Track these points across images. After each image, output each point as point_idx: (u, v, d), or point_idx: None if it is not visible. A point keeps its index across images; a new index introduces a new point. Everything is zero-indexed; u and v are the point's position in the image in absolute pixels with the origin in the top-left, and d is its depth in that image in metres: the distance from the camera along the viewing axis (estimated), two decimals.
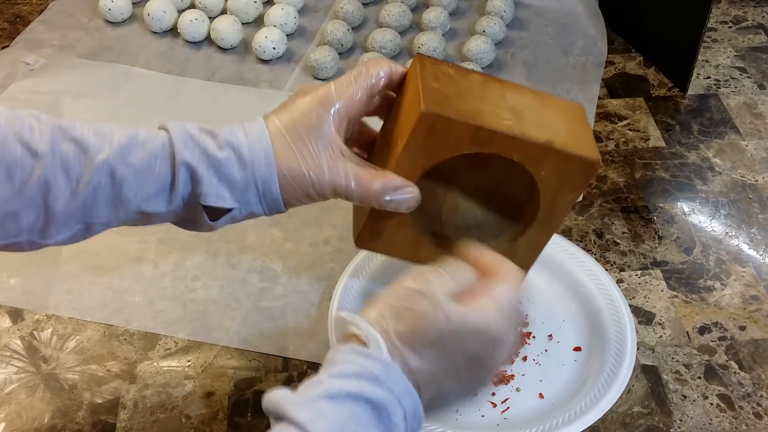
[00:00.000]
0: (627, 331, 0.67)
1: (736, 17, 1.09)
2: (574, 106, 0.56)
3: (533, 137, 0.51)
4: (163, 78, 0.98)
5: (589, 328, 0.70)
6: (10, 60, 1.00)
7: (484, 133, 0.50)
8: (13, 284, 0.75)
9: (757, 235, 0.80)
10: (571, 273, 0.73)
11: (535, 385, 0.66)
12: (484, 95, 0.52)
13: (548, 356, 0.68)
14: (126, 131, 0.51)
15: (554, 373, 0.67)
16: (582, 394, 0.64)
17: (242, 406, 0.66)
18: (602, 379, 0.65)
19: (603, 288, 0.71)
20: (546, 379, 0.67)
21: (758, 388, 0.67)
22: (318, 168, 0.51)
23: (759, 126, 0.92)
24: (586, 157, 0.52)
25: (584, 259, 0.73)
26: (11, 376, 0.68)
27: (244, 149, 0.51)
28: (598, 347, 0.68)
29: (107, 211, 0.50)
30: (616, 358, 0.66)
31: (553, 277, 0.74)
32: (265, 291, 0.75)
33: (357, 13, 1.04)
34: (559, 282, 0.73)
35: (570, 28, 1.06)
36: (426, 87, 0.50)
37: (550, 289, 0.73)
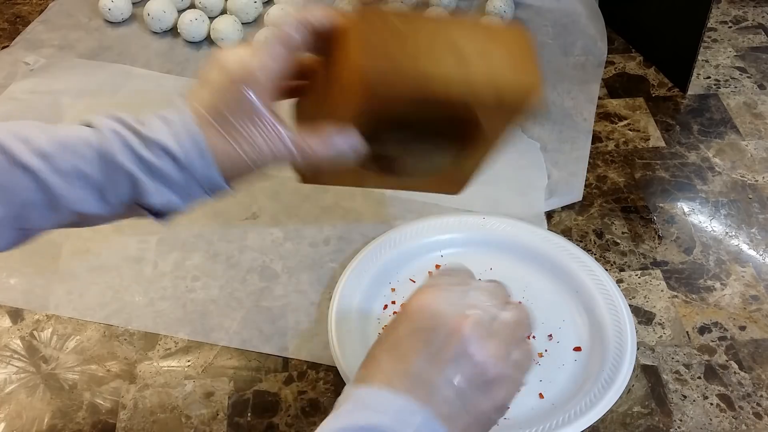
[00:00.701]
0: (627, 332, 0.67)
1: (736, 17, 1.09)
2: (517, 33, 0.55)
3: (474, 80, 0.51)
4: (163, 78, 0.98)
5: (589, 329, 0.70)
6: (10, 60, 1.00)
7: (424, 82, 0.50)
8: (13, 284, 0.75)
9: (757, 235, 0.80)
10: (571, 273, 0.73)
11: (535, 385, 0.66)
12: (427, 39, 0.51)
13: (548, 356, 0.68)
14: (52, 134, 0.49)
15: (554, 373, 0.67)
16: (582, 394, 0.64)
17: (242, 406, 0.66)
18: (602, 379, 0.65)
19: (603, 288, 0.71)
20: (546, 379, 0.67)
21: (758, 388, 0.67)
22: (253, 147, 0.50)
23: (759, 126, 0.92)
24: (525, 86, 0.52)
25: (584, 259, 0.74)
26: (11, 376, 0.68)
27: (176, 149, 0.49)
28: (598, 347, 0.68)
29: (42, 217, 0.49)
30: (616, 359, 0.66)
31: (554, 277, 0.74)
32: (265, 291, 0.75)
33: None
34: (560, 282, 0.73)
35: (570, 28, 1.06)
36: (365, 47, 0.49)
37: (550, 289, 0.73)
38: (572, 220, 0.81)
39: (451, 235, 0.77)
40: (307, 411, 0.66)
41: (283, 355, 0.70)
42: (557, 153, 0.87)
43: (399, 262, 0.75)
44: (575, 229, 0.80)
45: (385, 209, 0.82)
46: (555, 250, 0.74)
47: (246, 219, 0.81)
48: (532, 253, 0.75)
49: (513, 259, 0.76)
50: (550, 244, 0.75)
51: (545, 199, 0.82)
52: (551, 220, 0.81)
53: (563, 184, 0.84)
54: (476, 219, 0.78)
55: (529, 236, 0.76)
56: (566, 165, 0.86)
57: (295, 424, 0.65)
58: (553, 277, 0.74)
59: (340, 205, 0.82)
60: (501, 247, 0.76)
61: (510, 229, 0.77)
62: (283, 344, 0.70)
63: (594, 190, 0.84)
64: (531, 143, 0.89)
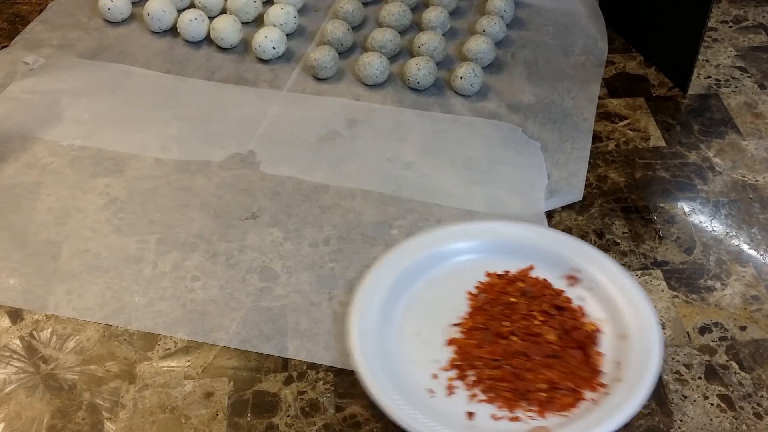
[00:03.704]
0: (650, 370, 0.65)
1: (737, 17, 1.09)
2: None
3: None
4: (163, 78, 0.98)
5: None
6: (10, 60, 1.00)
7: None
8: (13, 284, 0.75)
9: (758, 235, 0.80)
10: (613, 298, 0.71)
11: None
12: None
13: None
14: None
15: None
16: (583, 419, 0.64)
17: (242, 406, 0.66)
18: (608, 408, 0.64)
19: (641, 319, 0.69)
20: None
21: (759, 388, 0.67)
22: None
23: (759, 126, 0.92)
24: None
25: (628, 284, 0.71)
26: (10, 377, 0.68)
27: None
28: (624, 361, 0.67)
29: None
30: (629, 392, 0.64)
31: (595, 296, 0.72)
32: (265, 291, 0.74)
33: (357, 12, 1.04)
34: (600, 304, 0.72)
35: (570, 28, 1.05)
36: None
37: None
38: (572, 220, 0.81)
39: (472, 242, 0.76)
40: (306, 411, 0.66)
41: (283, 355, 0.70)
42: (557, 153, 0.87)
43: (419, 269, 0.74)
44: (575, 229, 0.80)
45: (385, 209, 0.82)
46: (599, 270, 0.73)
47: (246, 219, 0.81)
48: (581, 272, 0.74)
49: (555, 272, 0.74)
50: (595, 263, 0.74)
51: (545, 199, 0.82)
52: (551, 220, 0.81)
53: (563, 184, 0.84)
54: (498, 225, 0.77)
55: (576, 253, 0.75)
56: (566, 165, 0.86)
57: (295, 425, 0.65)
58: (593, 297, 0.72)
59: (340, 205, 0.82)
60: (538, 256, 0.75)
61: (552, 245, 0.76)
62: (283, 344, 0.70)
63: (594, 190, 0.84)
64: (531, 143, 0.89)
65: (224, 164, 0.86)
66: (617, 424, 0.62)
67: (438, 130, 0.91)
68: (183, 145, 0.89)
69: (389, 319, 0.70)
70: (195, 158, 0.87)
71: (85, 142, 0.89)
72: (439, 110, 0.93)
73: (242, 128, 0.91)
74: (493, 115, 0.92)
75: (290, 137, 0.90)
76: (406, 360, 0.68)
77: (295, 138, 0.90)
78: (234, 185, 0.84)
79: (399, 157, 0.87)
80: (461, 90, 0.95)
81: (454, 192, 0.83)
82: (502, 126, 0.91)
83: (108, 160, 0.87)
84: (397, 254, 0.74)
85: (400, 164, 0.87)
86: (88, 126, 0.91)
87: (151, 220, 0.81)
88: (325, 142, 0.89)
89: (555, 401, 0.65)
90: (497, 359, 0.67)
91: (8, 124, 0.90)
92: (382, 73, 0.95)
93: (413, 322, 0.71)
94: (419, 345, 0.69)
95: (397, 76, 0.98)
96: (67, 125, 0.91)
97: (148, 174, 0.85)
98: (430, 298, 0.73)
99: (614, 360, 0.67)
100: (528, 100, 0.94)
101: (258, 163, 0.87)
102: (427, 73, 0.94)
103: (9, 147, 0.88)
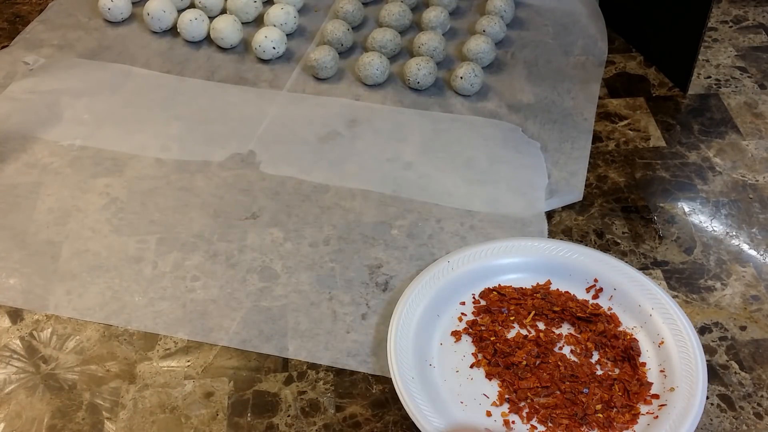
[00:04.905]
0: (698, 372, 0.64)
1: (737, 17, 1.09)
2: None
3: None
4: (163, 78, 0.98)
5: (657, 365, 0.67)
6: (10, 60, 1.00)
7: None
8: (13, 284, 0.75)
9: (758, 235, 0.80)
10: (639, 305, 0.71)
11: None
12: None
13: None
14: None
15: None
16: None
17: (242, 406, 0.66)
18: (670, 420, 0.63)
19: (672, 322, 0.68)
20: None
21: (759, 388, 0.67)
22: None
23: (759, 126, 0.92)
24: None
25: (654, 290, 0.71)
26: (11, 377, 0.68)
27: None
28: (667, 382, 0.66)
29: None
30: (686, 399, 0.63)
31: (620, 307, 0.71)
32: (265, 291, 0.74)
33: (357, 12, 1.04)
34: (628, 314, 0.71)
35: (570, 28, 1.05)
36: None
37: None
38: (572, 220, 0.81)
39: (511, 260, 0.75)
40: (306, 411, 0.66)
41: (283, 355, 0.70)
42: (557, 153, 0.87)
43: (464, 282, 0.73)
44: (575, 229, 0.80)
45: (385, 209, 0.82)
46: (622, 278, 0.72)
47: (246, 219, 0.81)
48: (600, 281, 0.73)
49: (576, 285, 0.73)
50: (617, 272, 0.73)
51: (545, 199, 0.82)
52: (551, 220, 0.81)
53: (564, 184, 0.84)
54: (543, 243, 0.76)
55: (595, 263, 0.74)
56: (566, 165, 0.86)
57: (295, 425, 0.65)
58: (619, 308, 0.71)
59: (340, 205, 0.82)
60: (562, 273, 0.74)
61: (575, 256, 0.74)
62: (283, 344, 0.70)
63: (594, 190, 0.84)
64: (531, 143, 0.89)
65: (224, 164, 0.86)
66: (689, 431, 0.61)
67: (438, 130, 0.91)
68: (183, 145, 0.89)
69: (427, 359, 0.68)
70: (195, 158, 0.87)
71: (85, 142, 0.89)
72: (439, 110, 0.93)
73: (242, 128, 0.91)
74: (493, 115, 0.92)
75: (290, 137, 0.90)
76: (456, 401, 0.65)
77: (295, 138, 0.90)
78: (234, 185, 0.84)
79: (399, 157, 0.87)
80: (461, 90, 0.95)
81: (454, 192, 0.83)
82: (502, 126, 0.91)
83: (108, 160, 0.87)
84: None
85: (400, 164, 0.87)
86: (88, 126, 0.91)
87: (151, 220, 0.81)
88: (325, 142, 0.89)
89: (614, 421, 0.63)
90: (547, 386, 0.65)
91: (8, 124, 0.90)
92: (382, 73, 0.95)
93: (449, 358, 0.69)
94: (463, 383, 0.67)
95: (397, 76, 0.98)
96: (67, 125, 0.91)
97: (148, 174, 0.85)
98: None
99: (658, 368, 0.66)
100: (528, 100, 0.94)
101: (258, 163, 0.87)
102: (427, 73, 0.94)
103: (9, 147, 0.88)
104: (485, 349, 0.68)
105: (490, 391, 0.66)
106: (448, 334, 0.70)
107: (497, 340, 0.69)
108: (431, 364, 0.68)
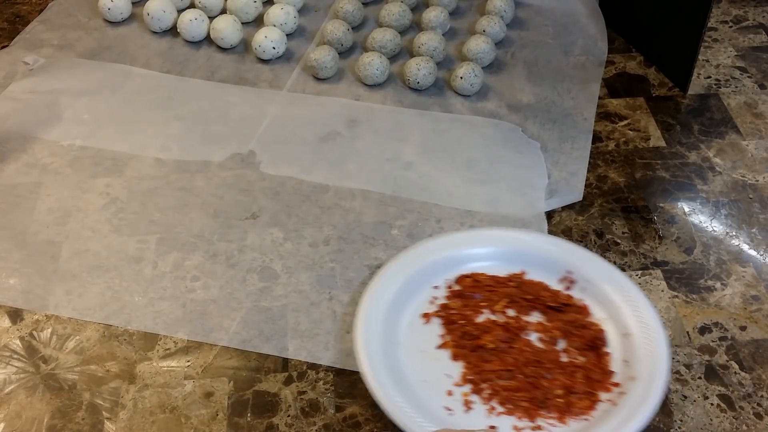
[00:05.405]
0: (661, 364, 0.65)
1: (737, 17, 1.09)
2: None
3: None
4: (163, 78, 0.98)
5: (621, 355, 0.68)
6: (10, 60, 1.00)
7: None
8: (13, 284, 0.75)
9: (758, 235, 0.80)
10: (610, 297, 0.71)
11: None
12: None
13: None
14: None
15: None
16: (604, 422, 0.63)
17: (242, 406, 0.66)
18: (627, 407, 0.63)
19: (640, 316, 0.69)
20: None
21: (759, 388, 0.67)
22: None
23: (759, 126, 0.92)
24: None
25: (625, 284, 0.71)
26: (11, 377, 0.68)
27: None
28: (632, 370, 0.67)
29: None
30: (645, 389, 0.64)
31: (591, 298, 0.72)
32: (265, 291, 0.74)
33: (357, 12, 1.04)
34: (598, 305, 0.71)
35: (570, 28, 1.05)
36: None
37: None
38: (572, 220, 0.81)
39: (486, 249, 0.75)
40: (306, 411, 0.66)
41: (283, 355, 0.70)
42: (557, 153, 0.87)
43: (439, 266, 0.74)
44: (575, 229, 0.80)
45: (385, 209, 0.82)
46: (595, 271, 0.73)
47: (246, 219, 0.81)
48: (573, 273, 0.74)
49: (549, 276, 0.74)
50: (591, 265, 0.73)
51: (545, 199, 0.82)
52: (551, 220, 0.81)
53: (563, 184, 0.84)
54: (519, 234, 0.76)
55: (569, 255, 0.74)
56: (566, 165, 0.86)
57: (295, 425, 0.65)
58: (590, 299, 0.72)
59: (340, 205, 0.82)
60: (537, 263, 0.74)
61: (550, 247, 0.75)
62: (283, 344, 0.70)
63: (594, 190, 0.84)
64: (531, 143, 0.89)
65: (224, 164, 0.86)
66: (642, 422, 0.62)
67: (438, 130, 0.91)
68: (183, 145, 0.89)
69: (394, 338, 0.69)
70: (195, 158, 0.87)
71: (85, 142, 0.89)
72: (439, 110, 0.93)
73: (242, 128, 0.91)
74: (493, 115, 0.92)
75: (290, 137, 0.90)
76: (418, 379, 0.66)
77: (295, 138, 0.90)
78: (234, 185, 0.84)
79: (399, 157, 0.87)
80: (461, 90, 0.95)
81: (454, 192, 0.83)
82: (502, 126, 0.91)
83: (108, 160, 0.87)
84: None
85: (400, 164, 0.87)
86: (88, 126, 0.91)
87: (151, 220, 0.81)
88: (325, 142, 0.89)
89: (573, 406, 0.64)
90: (510, 369, 0.66)
91: (8, 124, 0.90)
92: (382, 73, 0.95)
93: (416, 338, 0.70)
94: (427, 362, 0.68)
95: (397, 76, 0.98)
96: (67, 125, 0.91)
97: (148, 174, 0.85)
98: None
99: (622, 358, 0.67)
100: (528, 100, 0.94)
101: (258, 163, 0.87)
102: (427, 73, 0.94)
103: (9, 147, 0.88)
104: (453, 332, 0.69)
105: (455, 371, 0.67)
106: (418, 316, 0.71)
107: (466, 323, 0.70)
108: (397, 342, 0.69)
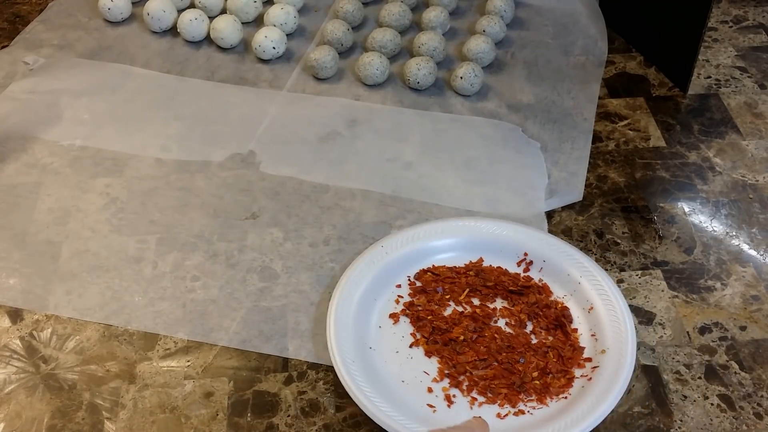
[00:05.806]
0: (627, 333, 0.67)
1: (737, 17, 1.09)
2: None
3: None
4: (163, 78, 0.98)
5: (588, 330, 0.70)
6: (10, 60, 1.00)
7: None
8: (13, 284, 0.75)
9: (758, 235, 0.80)
10: (568, 274, 0.73)
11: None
12: None
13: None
14: None
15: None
16: (584, 397, 0.64)
17: (242, 406, 0.66)
18: (604, 380, 0.64)
19: (601, 289, 0.71)
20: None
21: (759, 388, 0.67)
22: None
23: (759, 126, 0.92)
24: None
25: (581, 259, 0.73)
26: (11, 377, 0.68)
27: None
28: (598, 349, 0.68)
29: None
30: (616, 360, 0.66)
31: (550, 277, 0.73)
32: (265, 291, 0.74)
33: (357, 12, 1.04)
34: (556, 284, 0.73)
35: (570, 28, 1.05)
36: None
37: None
38: (572, 220, 0.81)
39: (443, 241, 0.76)
40: (306, 411, 0.66)
41: (283, 355, 0.70)
42: (557, 153, 0.87)
43: (398, 265, 0.75)
44: (575, 229, 0.80)
45: (385, 209, 0.82)
46: (551, 251, 0.74)
47: (246, 219, 0.81)
48: (529, 255, 0.75)
49: (507, 261, 0.75)
50: (546, 245, 0.75)
51: (545, 199, 0.82)
52: (551, 220, 0.81)
53: (563, 184, 0.84)
54: (473, 222, 0.78)
55: (525, 238, 0.76)
56: (566, 165, 0.86)
57: (294, 425, 0.65)
58: (549, 277, 0.73)
59: (340, 205, 0.82)
60: (494, 249, 0.76)
61: (505, 232, 0.76)
62: (283, 344, 0.70)
63: (594, 190, 0.84)
64: (531, 143, 0.89)
65: (224, 164, 0.86)
66: (618, 394, 0.63)
67: (438, 130, 0.91)
68: (183, 145, 0.89)
69: (366, 345, 0.69)
70: (195, 158, 0.87)
71: (85, 142, 0.89)
72: (439, 110, 0.93)
73: (242, 128, 0.91)
74: (493, 115, 0.92)
75: (290, 137, 0.90)
76: (398, 381, 0.67)
77: (295, 138, 0.90)
78: (234, 185, 0.84)
79: (399, 157, 0.87)
80: (461, 90, 0.95)
81: (454, 192, 0.83)
82: (502, 126, 0.91)
83: (108, 160, 0.87)
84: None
85: (400, 164, 0.87)
86: (88, 126, 0.91)
87: (151, 220, 0.81)
88: (325, 142, 0.89)
89: (550, 386, 0.65)
90: (484, 358, 0.67)
91: (8, 124, 0.90)
92: (382, 73, 0.95)
93: (388, 340, 0.70)
94: (403, 363, 0.68)
95: (397, 76, 0.98)
96: (67, 125, 0.91)
97: (148, 174, 0.85)
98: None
99: (589, 333, 0.69)
100: (528, 100, 0.94)
101: (258, 163, 0.87)
102: (427, 73, 0.94)
103: (9, 147, 0.88)
104: (423, 328, 0.70)
105: (431, 368, 0.68)
106: (386, 317, 0.71)
107: (434, 318, 0.71)
108: (371, 347, 0.69)
